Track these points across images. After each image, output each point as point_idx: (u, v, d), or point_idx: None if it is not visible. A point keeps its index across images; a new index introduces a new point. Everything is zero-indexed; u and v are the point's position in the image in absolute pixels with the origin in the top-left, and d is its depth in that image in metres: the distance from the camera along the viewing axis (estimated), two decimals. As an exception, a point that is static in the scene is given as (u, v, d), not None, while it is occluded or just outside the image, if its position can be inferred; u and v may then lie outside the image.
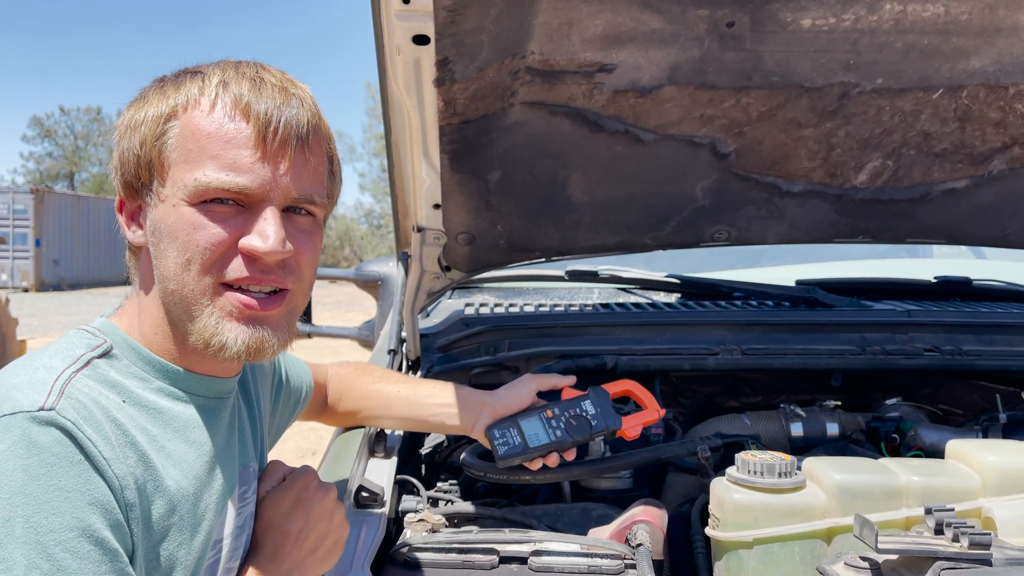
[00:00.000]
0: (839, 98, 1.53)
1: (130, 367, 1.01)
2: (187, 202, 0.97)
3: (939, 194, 1.82)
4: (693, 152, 1.65)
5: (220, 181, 0.96)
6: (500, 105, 1.44)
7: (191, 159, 0.97)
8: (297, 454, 6.39)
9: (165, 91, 1.01)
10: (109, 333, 1.02)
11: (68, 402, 0.88)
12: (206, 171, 0.96)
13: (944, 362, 1.98)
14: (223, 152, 0.97)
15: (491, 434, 1.44)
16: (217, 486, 1.05)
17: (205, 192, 0.96)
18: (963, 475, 1.30)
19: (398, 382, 1.59)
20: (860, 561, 1.16)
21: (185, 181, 0.97)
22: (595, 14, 1.30)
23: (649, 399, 1.54)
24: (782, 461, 1.28)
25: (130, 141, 1.01)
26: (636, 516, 1.41)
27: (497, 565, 1.29)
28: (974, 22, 1.36)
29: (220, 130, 0.97)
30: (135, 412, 0.97)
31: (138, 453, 0.93)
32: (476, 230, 1.79)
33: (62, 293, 20.77)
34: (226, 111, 0.98)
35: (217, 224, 0.97)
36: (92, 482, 0.86)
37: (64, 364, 0.93)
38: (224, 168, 0.96)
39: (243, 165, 0.97)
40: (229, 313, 0.99)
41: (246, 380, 1.24)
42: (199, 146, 0.97)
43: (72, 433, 0.86)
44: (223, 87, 0.99)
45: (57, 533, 0.82)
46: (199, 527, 1.00)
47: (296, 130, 0.99)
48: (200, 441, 1.04)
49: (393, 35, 1.20)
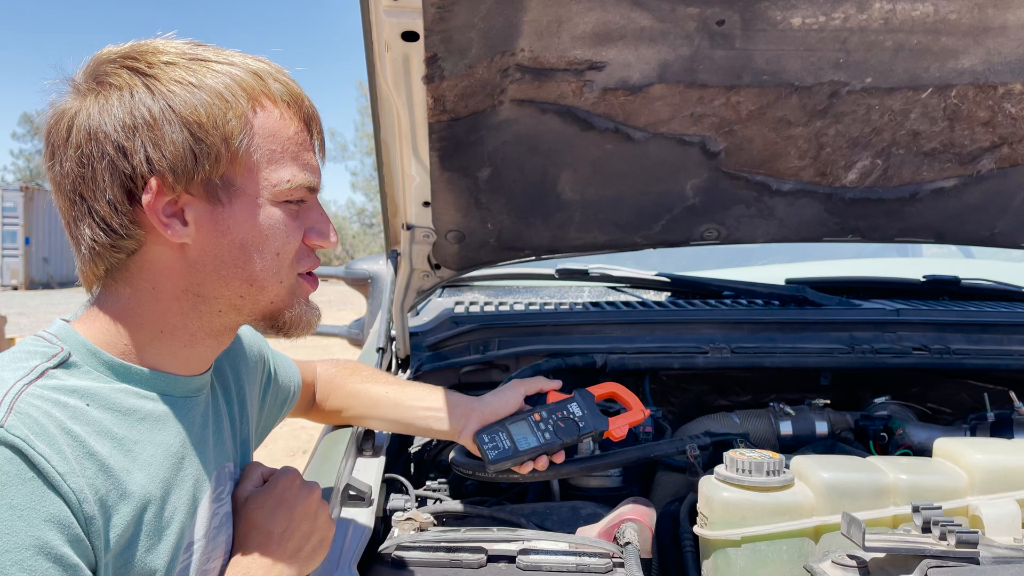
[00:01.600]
0: (829, 97, 1.54)
1: (90, 372, 0.97)
2: (272, 201, 1.02)
3: (928, 193, 1.82)
4: (683, 151, 1.65)
5: (307, 182, 1.04)
6: (490, 102, 1.43)
7: (275, 160, 1.02)
8: (288, 453, 6.38)
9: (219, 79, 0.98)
10: (66, 339, 0.98)
11: (17, 418, 0.85)
12: (294, 172, 1.02)
13: (933, 361, 1.99)
14: (300, 154, 1.04)
15: (480, 439, 1.43)
16: (187, 487, 1.03)
17: (292, 193, 1.03)
18: (951, 473, 1.31)
19: (386, 383, 1.57)
20: (848, 559, 1.16)
21: (273, 181, 1.01)
22: (585, 11, 1.29)
23: (634, 400, 1.54)
24: (770, 459, 1.28)
25: (187, 132, 0.95)
26: (624, 515, 1.41)
27: (485, 564, 1.29)
28: (963, 21, 1.37)
29: (297, 134, 1.04)
30: (98, 416, 0.94)
31: (97, 463, 0.91)
32: (466, 228, 1.78)
33: (52, 291, 20.68)
34: (291, 112, 1.04)
35: (296, 221, 1.05)
36: (46, 498, 0.84)
37: (15, 376, 0.90)
38: (306, 170, 1.04)
39: (314, 166, 1.07)
40: (307, 298, 1.11)
41: (225, 378, 1.22)
42: (281, 147, 1.02)
43: (22, 450, 0.83)
44: (275, 84, 1.03)
45: (12, 552, 0.80)
46: (167, 530, 0.98)
47: (322, 130, 1.10)
48: (167, 442, 1.01)
49: (382, 31, 1.19)
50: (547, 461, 1.44)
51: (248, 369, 1.29)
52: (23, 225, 21.37)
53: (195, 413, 1.09)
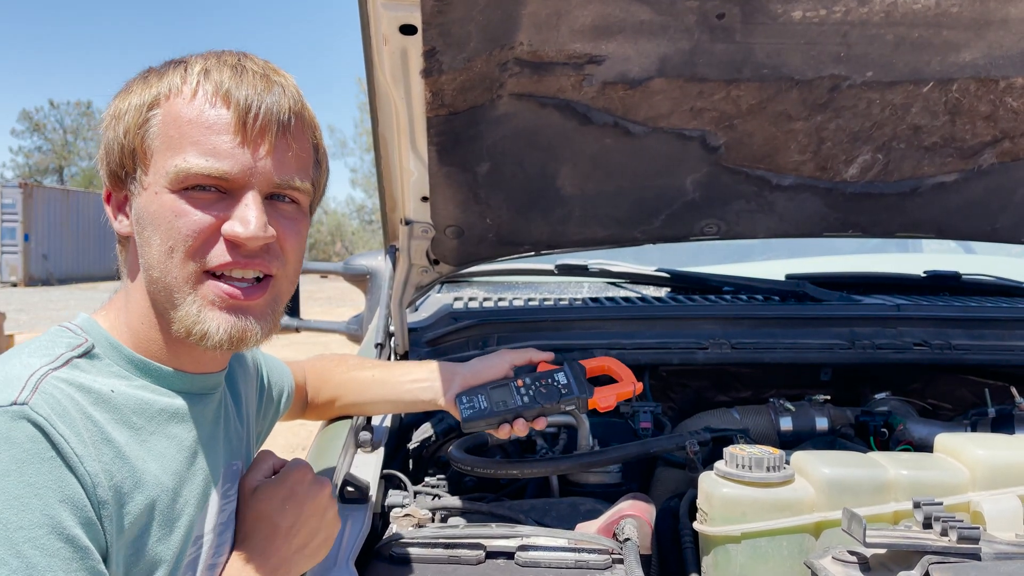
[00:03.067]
0: (829, 91, 1.53)
1: (111, 366, 1.00)
2: (169, 189, 0.97)
3: (929, 188, 1.82)
4: (683, 145, 1.64)
5: (200, 167, 0.96)
6: (488, 97, 1.42)
7: (172, 146, 0.97)
8: (287, 449, 6.37)
9: (149, 81, 1.02)
10: (91, 331, 1.01)
11: (42, 398, 0.87)
12: (187, 157, 0.96)
13: (933, 356, 1.98)
14: (203, 138, 0.97)
15: (459, 400, 1.43)
16: (198, 481, 1.04)
17: (186, 178, 0.97)
18: (952, 469, 1.30)
19: (373, 367, 1.60)
20: (848, 555, 1.16)
21: (166, 168, 0.97)
22: (584, 5, 1.29)
23: (626, 373, 1.51)
24: (770, 455, 1.28)
25: (115, 131, 1.01)
26: (624, 511, 1.40)
27: (484, 560, 1.28)
28: (964, 15, 1.36)
29: (200, 116, 0.97)
30: (118, 404, 0.96)
31: (114, 450, 0.92)
32: (464, 223, 1.78)
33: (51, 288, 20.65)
34: (207, 98, 0.98)
35: (199, 210, 0.97)
36: (63, 479, 0.85)
37: (42, 362, 0.92)
38: (205, 154, 0.96)
39: (223, 151, 0.97)
40: (211, 302, 0.99)
41: (234, 377, 1.23)
42: (180, 133, 0.97)
43: (44, 429, 0.85)
44: (204, 75, 0.99)
45: (27, 530, 0.81)
46: (178, 522, 1.00)
47: (277, 116, 1.00)
48: (181, 436, 1.03)
49: (380, 24, 1.19)
50: (525, 425, 1.42)
51: (245, 372, 1.30)
52: (22, 222, 21.38)
53: (208, 410, 1.10)
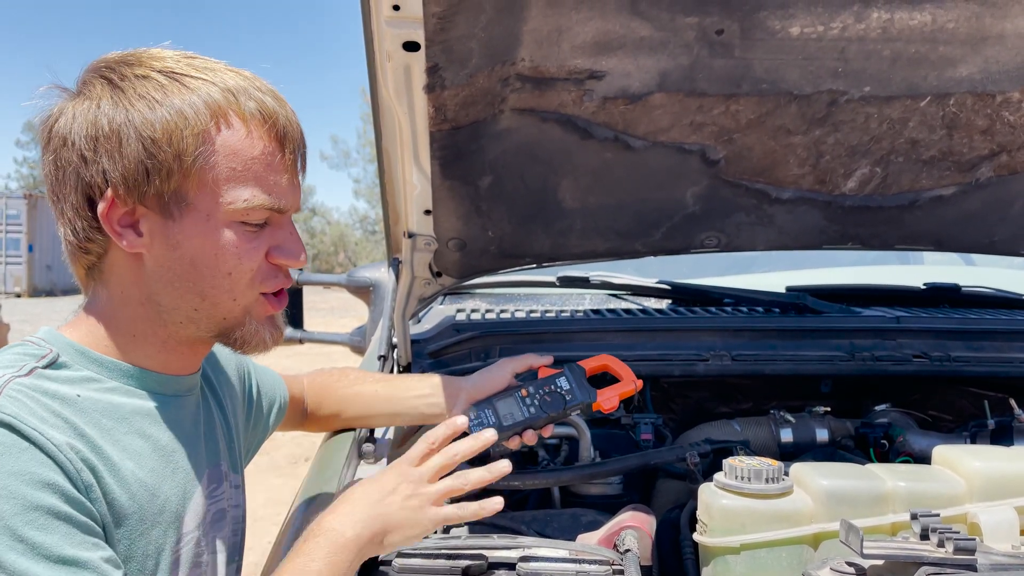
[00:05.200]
0: (828, 105, 1.54)
1: (79, 371, 1.00)
2: (225, 220, 1.01)
3: (927, 201, 1.83)
4: (683, 159, 1.65)
5: (268, 203, 1.02)
6: (490, 112, 1.44)
7: (235, 178, 1.00)
8: (290, 460, 6.38)
9: (184, 95, 0.98)
10: (54, 342, 1.02)
11: (7, 399, 0.89)
12: (253, 193, 1.01)
13: (933, 368, 1.99)
14: (265, 174, 1.02)
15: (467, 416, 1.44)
16: (178, 480, 1.05)
17: (249, 214, 1.02)
18: (949, 481, 1.31)
19: (376, 382, 1.60)
20: (846, 566, 1.16)
21: (228, 200, 1.00)
22: (585, 21, 1.30)
23: (626, 371, 1.52)
24: (769, 467, 1.29)
25: (140, 146, 0.97)
26: (625, 522, 1.41)
27: (486, 571, 1.29)
28: (961, 30, 1.37)
29: (263, 153, 1.02)
30: (87, 407, 0.97)
31: (89, 444, 0.94)
32: (467, 236, 1.79)
33: (55, 299, 20.66)
34: (262, 131, 1.02)
35: (254, 241, 1.04)
36: (45, 464, 0.87)
37: (6, 372, 0.94)
38: (269, 191, 1.03)
39: (283, 188, 1.04)
40: (268, 319, 1.10)
41: (212, 384, 1.24)
42: (244, 166, 1.01)
43: (14, 426, 0.87)
44: (250, 102, 1.02)
45: (21, 515, 0.83)
46: (159, 518, 1.01)
47: (302, 148, 1.08)
48: (156, 436, 1.04)
49: (383, 41, 1.20)
50: (534, 435, 1.45)
51: (228, 382, 1.31)
52: (26, 232, 21.39)
53: (185, 412, 1.12)
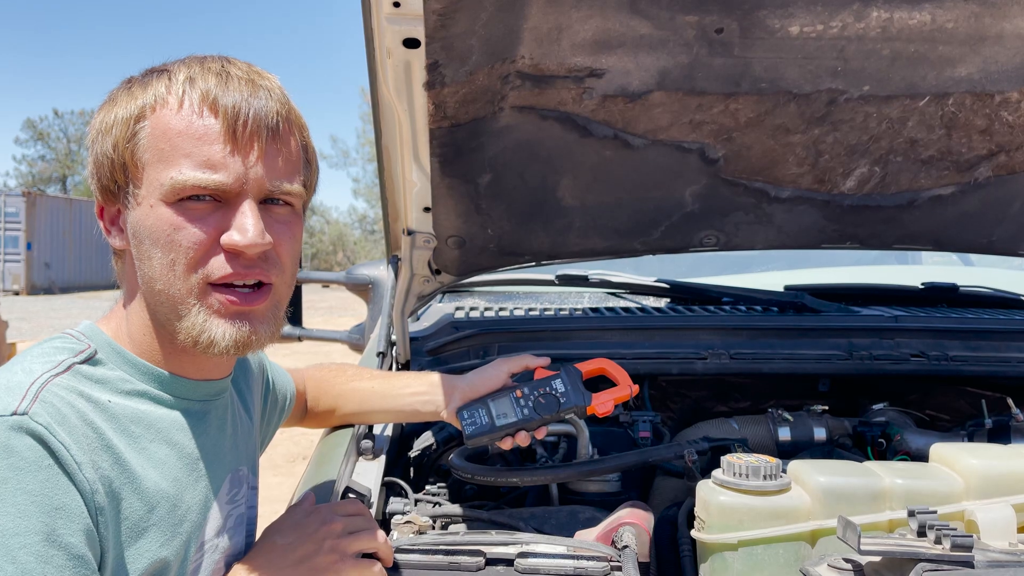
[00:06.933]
0: (827, 104, 1.55)
1: (114, 371, 1.00)
2: (164, 202, 0.98)
3: (926, 201, 1.83)
4: (682, 157, 1.66)
5: (196, 179, 0.96)
6: (490, 109, 1.44)
7: (164, 158, 0.98)
8: (288, 459, 6.38)
9: (132, 92, 1.01)
10: (93, 337, 1.02)
11: (42, 406, 0.88)
12: (181, 169, 0.97)
13: (931, 368, 2.00)
14: (195, 149, 0.97)
15: (460, 415, 1.45)
16: (201, 488, 1.05)
17: (182, 190, 0.97)
18: (946, 478, 1.31)
19: (372, 378, 1.60)
20: (843, 563, 1.17)
21: (161, 181, 0.97)
22: (585, 19, 1.31)
23: (622, 376, 1.52)
24: (767, 464, 1.29)
25: (103, 145, 1.01)
26: (622, 518, 1.41)
27: (483, 567, 1.29)
28: (960, 30, 1.38)
29: (190, 127, 0.97)
30: (118, 412, 0.97)
31: (113, 456, 0.93)
32: (466, 234, 1.79)
33: (53, 297, 20.66)
34: (194, 108, 0.98)
35: (196, 223, 0.98)
36: (61, 486, 0.86)
37: (44, 368, 0.93)
38: (198, 166, 0.97)
39: (216, 161, 0.97)
40: (216, 311, 1.00)
41: (240, 383, 1.24)
42: (171, 145, 0.97)
43: (43, 437, 0.86)
44: (190, 83, 0.99)
45: (22, 536, 0.82)
46: (180, 527, 1.00)
47: (266, 121, 1.00)
48: (182, 443, 1.04)
49: (384, 38, 1.20)
50: (527, 436, 1.46)
51: (251, 376, 1.31)
52: (25, 230, 21.40)
53: (212, 416, 1.11)
